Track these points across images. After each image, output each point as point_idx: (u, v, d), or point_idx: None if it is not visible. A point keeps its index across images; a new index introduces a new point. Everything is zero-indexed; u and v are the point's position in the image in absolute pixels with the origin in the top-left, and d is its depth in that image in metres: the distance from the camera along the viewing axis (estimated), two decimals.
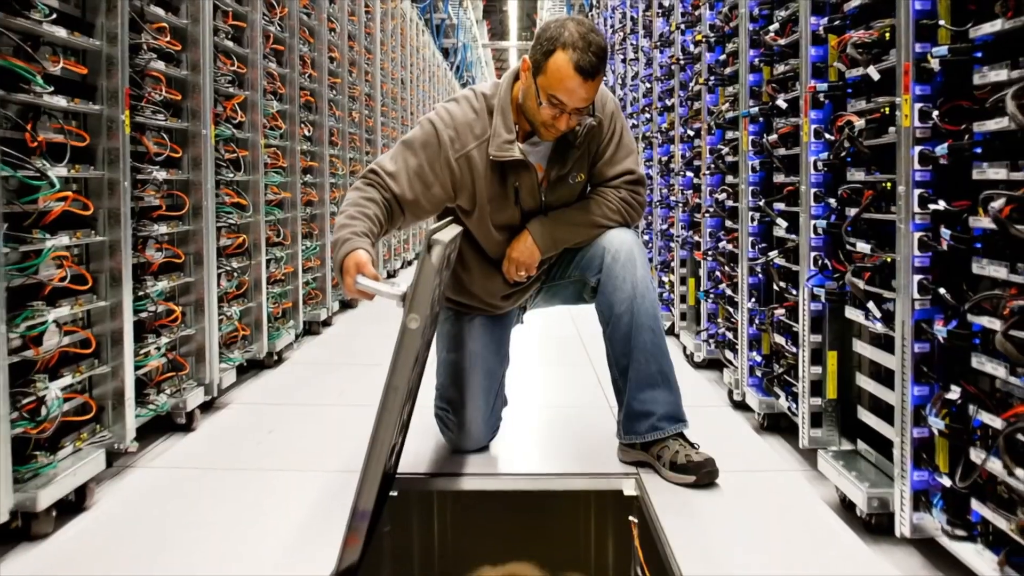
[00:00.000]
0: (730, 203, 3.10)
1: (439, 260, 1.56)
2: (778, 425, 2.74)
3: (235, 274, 3.22)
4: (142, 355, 2.44)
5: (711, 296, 3.43)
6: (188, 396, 2.67)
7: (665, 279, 4.51)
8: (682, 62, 3.97)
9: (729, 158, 3.13)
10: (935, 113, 1.62)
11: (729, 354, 3.15)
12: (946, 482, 1.58)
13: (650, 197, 4.96)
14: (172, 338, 2.65)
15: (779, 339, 2.60)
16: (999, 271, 1.42)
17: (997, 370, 1.44)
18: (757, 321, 2.83)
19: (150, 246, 2.53)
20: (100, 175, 2.20)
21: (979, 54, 1.55)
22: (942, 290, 1.60)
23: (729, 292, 3.17)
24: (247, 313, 3.38)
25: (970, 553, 1.53)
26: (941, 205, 1.59)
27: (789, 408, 2.49)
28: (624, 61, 6.06)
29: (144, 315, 2.47)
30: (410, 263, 8.31)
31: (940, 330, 1.58)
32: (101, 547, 1.81)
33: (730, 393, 3.08)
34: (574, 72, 1.93)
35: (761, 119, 2.76)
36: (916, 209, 1.65)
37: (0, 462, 1.72)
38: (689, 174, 3.86)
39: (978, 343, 1.51)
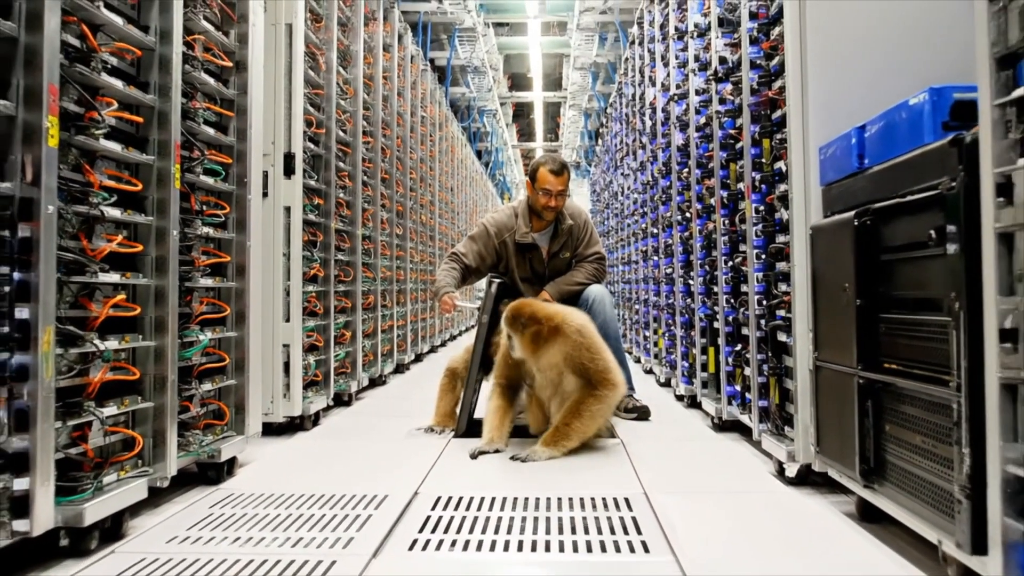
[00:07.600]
0: (673, 275, 5.04)
1: (495, 289, 3.49)
2: (697, 404, 4.57)
3: (367, 320, 5.20)
4: (334, 355, 4.40)
5: (665, 335, 5.33)
6: (351, 383, 4.61)
7: (648, 333, 6.40)
8: (650, 183, 5.99)
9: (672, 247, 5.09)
10: (759, 208, 3.58)
11: (676, 371, 5.02)
12: (738, 388, 3.45)
13: (636, 275, 6.92)
14: (344, 350, 4.62)
15: (695, 351, 4.48)
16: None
17: (746, 331, 3.34)
18: (685, 342, 4.72)
19: (335, 297, 4.52)
20: (323, 256, 4.22)
21: None
22: (731, 300, 3.51)
23: (673, 330, 5.07)
24: (372, 347, 5.34)
25: (744, 418, 3.40)
26: (729, 263, 3.52)
27: (695, 385, 4.36)
28: (623, 175, 8.13)
29: (335, 334, 4.44)
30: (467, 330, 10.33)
31: (731, 320, 3.49)
32: (332, 435, 3.72)
33: (673, 391, 4.94)
34: (549, 173, 3.91)
35: (684, 223, 4.72)
36: (722, 266, 3.58)
37: (299, 387, 3.68)
38: (656, 258, 5.81)
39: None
